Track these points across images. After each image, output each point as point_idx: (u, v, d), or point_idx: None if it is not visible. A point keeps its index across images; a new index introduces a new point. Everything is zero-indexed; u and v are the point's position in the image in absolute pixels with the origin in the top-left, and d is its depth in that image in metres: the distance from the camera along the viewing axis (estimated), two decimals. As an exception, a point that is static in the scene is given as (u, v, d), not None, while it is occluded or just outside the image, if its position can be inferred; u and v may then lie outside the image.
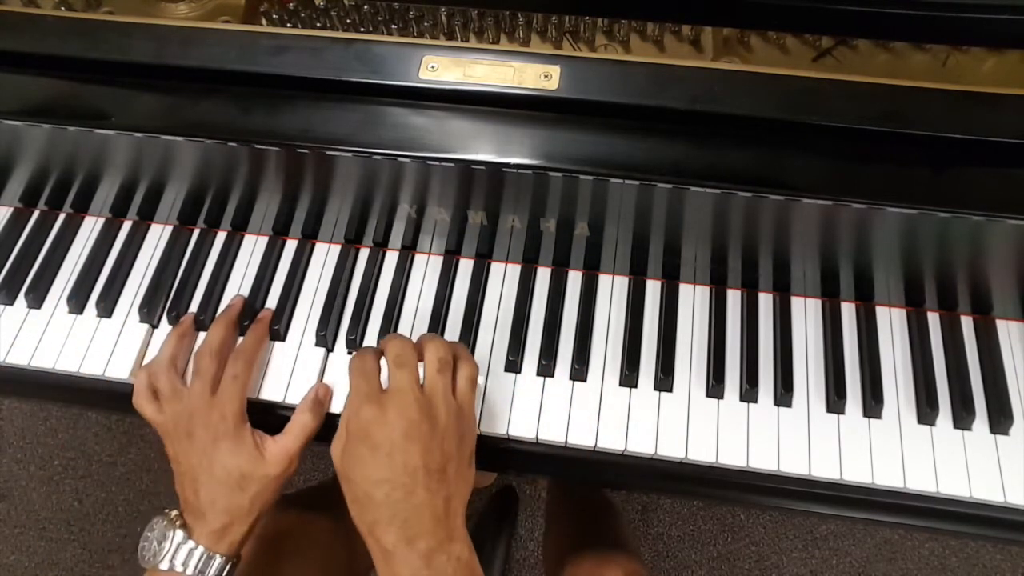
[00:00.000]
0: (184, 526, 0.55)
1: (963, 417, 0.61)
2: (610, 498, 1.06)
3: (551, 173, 0.55)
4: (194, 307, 0.68)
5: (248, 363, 0.61)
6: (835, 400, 0.62)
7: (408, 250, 0.70)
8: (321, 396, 0.62)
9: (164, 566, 0.54)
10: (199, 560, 0.54)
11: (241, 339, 0.64)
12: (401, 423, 0.50)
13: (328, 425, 0.63)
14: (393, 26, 0.66)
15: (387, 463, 0.49)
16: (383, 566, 0.50)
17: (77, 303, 0.68)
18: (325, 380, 0.64)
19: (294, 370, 0.65)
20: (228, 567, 0.55)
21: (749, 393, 0.62)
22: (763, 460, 0.60)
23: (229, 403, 0.57)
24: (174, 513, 0.57)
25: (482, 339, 0.66)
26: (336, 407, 0.63)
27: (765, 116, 0.54)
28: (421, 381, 0.53)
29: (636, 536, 1.35)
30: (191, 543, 0.54)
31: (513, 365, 0.64)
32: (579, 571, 0.78)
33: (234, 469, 0.55)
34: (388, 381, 0.53)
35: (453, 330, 0.66)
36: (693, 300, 0.67)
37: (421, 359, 0.54)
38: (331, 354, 0.66)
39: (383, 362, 0.55)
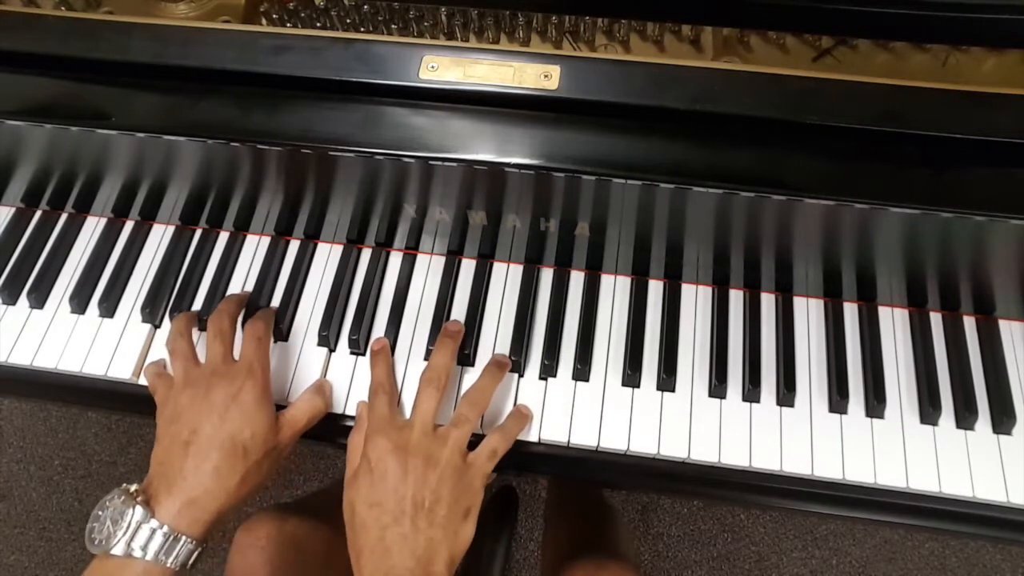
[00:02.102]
0: (147, 503, 0.50)
1: (966, 417, 0.61)
2: (609, 501, 1.06)
3: (552, 173, 0.55)
4: (196, 307, 0.68)
5: (268, 327, 0.61)
6: (838, 400, 0.62)
7: (410, 250, 0.70)
8: (325, 387, 0.64)
9: (118, 551, 0.47)
10: (162, 543, 0.48)
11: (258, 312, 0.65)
12: (400, 455, 0.54)
13: (328, 425, 0.63)
14: (393, 26, 0.66)
15: (381, 486, 0.53)
16: None
17: (79, 303, 0.68)
18: (326, 378, 0.64)
19: (296, 370, 0.65)
20: (196, 553, 0.50)
21: (752, 393, 0.62)
22: (766, 460, 0.60)
23: (259, 361, 0.57)
24: (134, 487, 0.51)
25: (484, 339, 0.66)
26: (337, 407, 0.63)
27: (765, 116, 0.54)
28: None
29: (634, 540, 1.35)
30: (154, 522, 0.48)
31: (515, 365, 0.64)
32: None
33: (247, 427, 0.54)
34: (411, 413, 0.57)
35: (454, 330, 0.66)
36: (695, 300, 0.67)
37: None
38: (333, 354, 0.66)
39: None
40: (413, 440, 0.54)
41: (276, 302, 0.68)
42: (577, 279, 0.68)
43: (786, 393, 0.62)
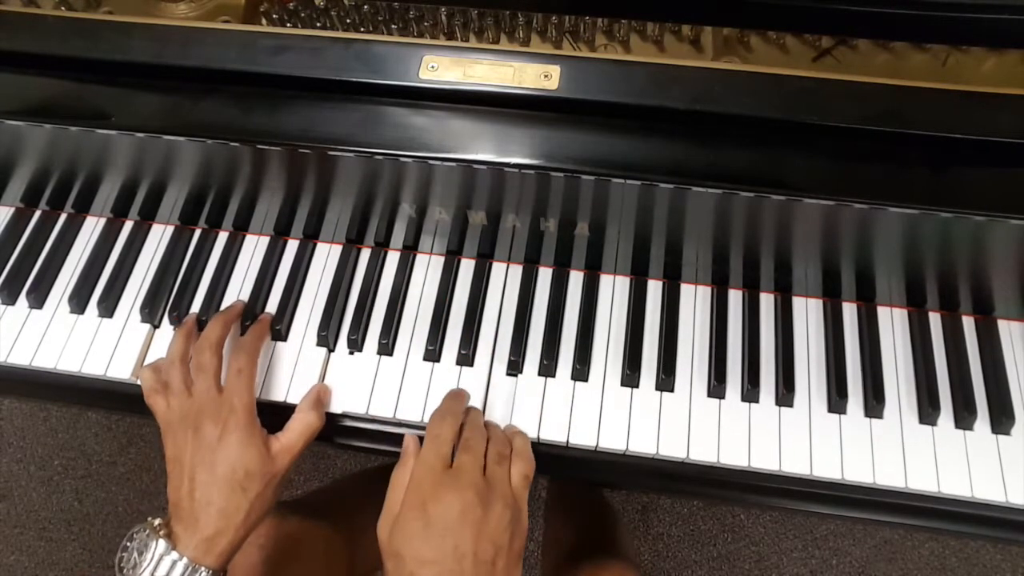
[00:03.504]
0: (168, 536, 0.53)
1: (964, 417, 0.61)
2: (609, 501, 1.06)
3: (551, 173, 0.55)
4: (195, 307, 0.68)
5: (251, 358, 0.59)
6: (836, 400, 0.62)
7: (409, 250, 0.70)
8: (323, 396, 0.62)
9: None
10: (183, 573, 0.51)
11: (241, 337, 0.63)
12: (458, 504, 0.49)
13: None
14: (393, 26, 0.66)
15: (439, 543, 0.48)
16: None
17: (78, 303, 0.68)
18: (326, 380, 0.64)
19: (295, 370, 0.65)
20: None
21: (750, 393, 0.62)
22: (765, 460, 0.60)
23: (239, 397, 0.56)
24: (157, 522, 0.54)
25: (483, 339, 0.66)
26: (336, 406, 0.63)
27: (765, 116, 0.54)
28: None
29: (634, 541, 1.35)
30: (175, 554, 0.51)
31: (515, 365, 0.64)
32: None
33: (239, 467, 0.54)
34: (454, 461, 0.53)
35: (455, 330, 0.66)
36: (694, 300, 0.67)
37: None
38: (332, 354, 0.66)
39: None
40: (470, 486, 0.50)
41: (275, 302, 0.68)
42: (576, 279, 0.68)
43: (785, 393, 0.62)
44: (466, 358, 0.65)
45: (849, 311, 0.66)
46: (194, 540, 0.52)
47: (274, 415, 0.64)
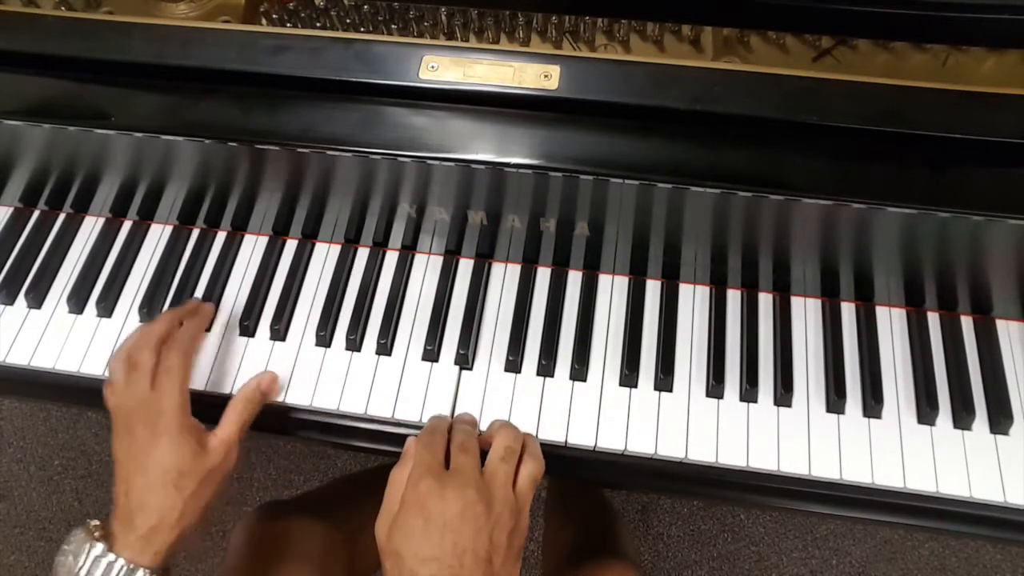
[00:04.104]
0: (105, 537, 0.52)
1: (963, 417, 0.61)
2: (609, 501, 1.06)
3: (551, 173, 0.55)
4: (194, 307, 0.68)
5: (183, 353, 0.58)
6: (835, 400, 0.62)
7: (408, 250, 0.70)
8: (264, 387, 0.61)
9: None
10: (118, 574, 0.50)
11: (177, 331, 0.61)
12: (458, 502, 0.49)
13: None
14: (393, 26, 0.66)
15: (438, 540, 0.49)
16: None
17: (77, 303, 0.68)
18: (326, 380, 0.64)
19: (294, 370, 0.65)
20: None
21: (749, 393, 0.62)
22: (763, 460, 0.60)
23: (167, 397, 0.55)
24: (94, 523, 0.53)
25: (482, 339, 0.66)
26: (336, 406, 0.63)
27: (765, 116, 0.54)
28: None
29: (634, 540, 1.35)
30: (110, 556, 0.51)
31: (513, 365, 0.64)
32: None
33: (171, 467, 0.53)
34: (450, 463, 0.53)
35: (453, 330, 0.66)
36: (693, 300, 0.67)
37: (486, 445, 0.55)
38: (331, 354, 0.66)
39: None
40: (469, 484, 0.50)
41: (274, 302, 0.68)
42: (575, 279, 0.68)
43: (783, 393, 0.62)
44: (465, 358, 0.65)
45: (848, 311, 0.66)
46: (130, 539, 0.52)
47: (274, 415, 0.64)
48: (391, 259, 0.70)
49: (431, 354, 0.65)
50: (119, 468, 0.55)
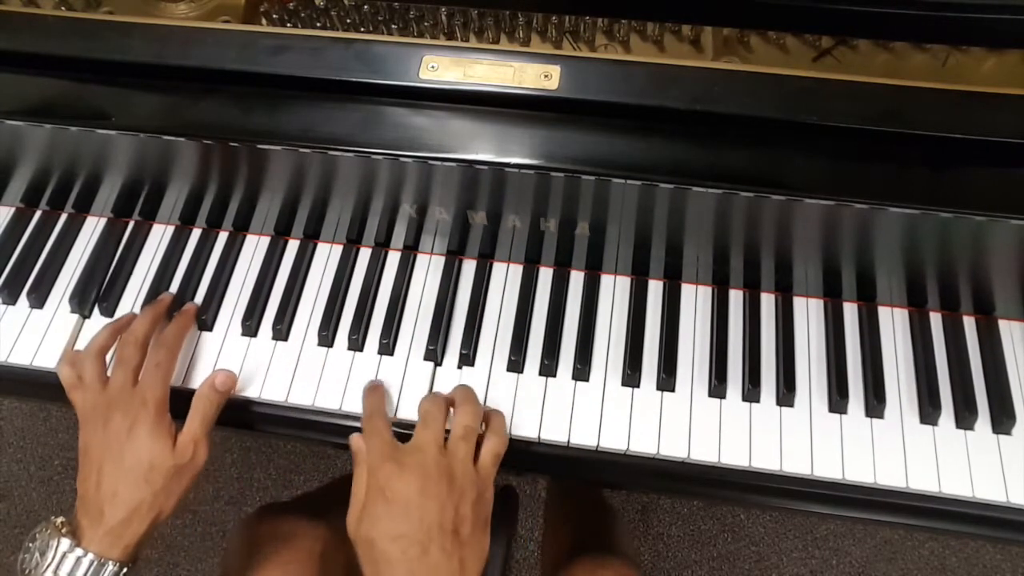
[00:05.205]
0: (72, 533, 0.52)
1: (965, 417, 0.61)
2: (609, 501, 1.06)
3: (551, 173, 0.55)
4: (195, 307, 0.68)
5: (170, 351, 0.60)
6: (837, 400, 0.62)
7: (410, 250, 0.70)
8: (219, 384, 0.61)
9: None
10: (88, 569, 0.50)
11: (164, 330, 0.63)
12: (418, 479, 0.51)
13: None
14: (393, 26, 0.66)
15: (403, 517, 0.50)
16: None
17: (79, 303, 0.68)
18: (327, 380, 0.64)
19: (296, 371, 0.65)
20: (124, 573, 0.52)
21: (751, 393, 0.62)
22: (765, 460, 0.60)
23: (151, 390, 0.56)
24: (60, 520, 0.53)
25: (484, 339, 0.66)
26: (337, 406, 0.63)
27: (765, 116, 0.54)
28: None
29: (634, 540, 1.35)
30: (79, 551, 0.51)
31: (515, 365, 0.64)
32: (575, 574, 0.78)
33: (145, 459, 0.54)
34: (413, 438, 0.54)
35: (456, 330, 0.66)
36: (695, 300, 0.67)
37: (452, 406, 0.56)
38: (333, 354, 0.66)
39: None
40: (428, 462, 0.52)
41: (276, 302, 0.68)
42: (577, 279, 0.68)
43: (786, 393, 0.62)
44: (467, 358, 0.65)
45: (850, 311, 0.66)
46: (99, 533, 0.52)
47: (275, 416, 0.64)
48: (393, 259, 0.70)
49: (433, 354, 0.65)
50: (87, 460, 0.55)
